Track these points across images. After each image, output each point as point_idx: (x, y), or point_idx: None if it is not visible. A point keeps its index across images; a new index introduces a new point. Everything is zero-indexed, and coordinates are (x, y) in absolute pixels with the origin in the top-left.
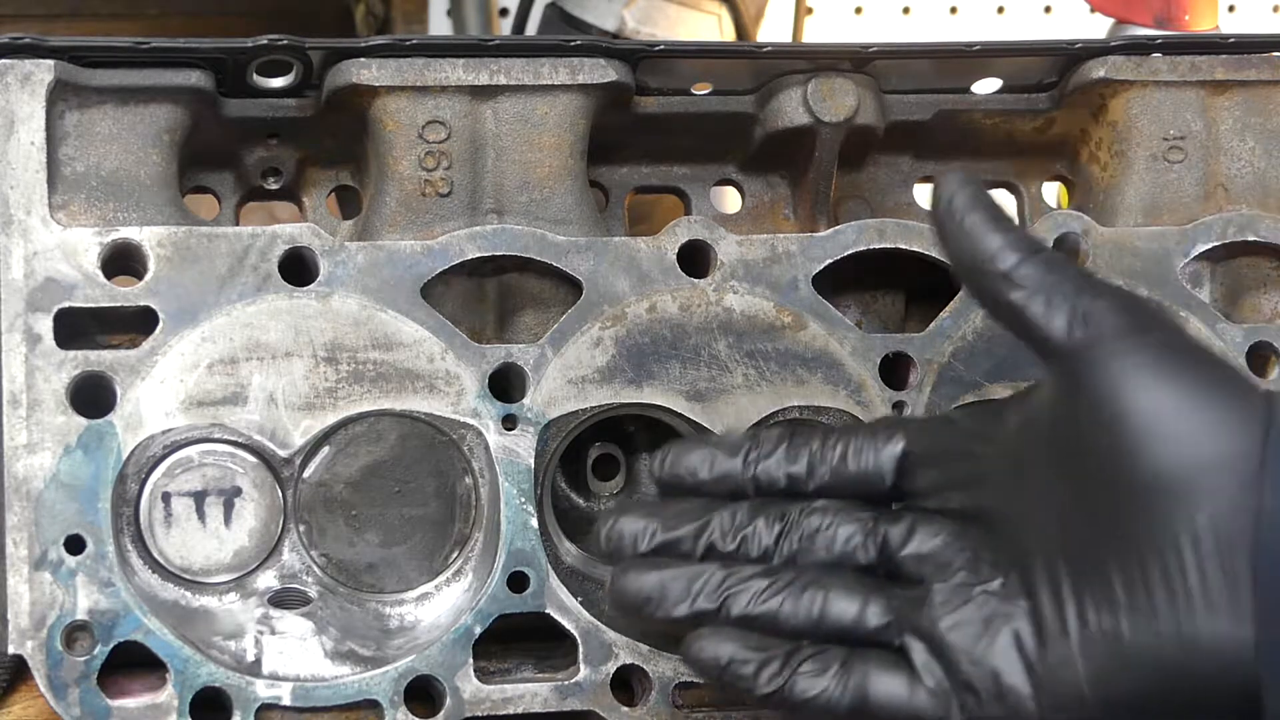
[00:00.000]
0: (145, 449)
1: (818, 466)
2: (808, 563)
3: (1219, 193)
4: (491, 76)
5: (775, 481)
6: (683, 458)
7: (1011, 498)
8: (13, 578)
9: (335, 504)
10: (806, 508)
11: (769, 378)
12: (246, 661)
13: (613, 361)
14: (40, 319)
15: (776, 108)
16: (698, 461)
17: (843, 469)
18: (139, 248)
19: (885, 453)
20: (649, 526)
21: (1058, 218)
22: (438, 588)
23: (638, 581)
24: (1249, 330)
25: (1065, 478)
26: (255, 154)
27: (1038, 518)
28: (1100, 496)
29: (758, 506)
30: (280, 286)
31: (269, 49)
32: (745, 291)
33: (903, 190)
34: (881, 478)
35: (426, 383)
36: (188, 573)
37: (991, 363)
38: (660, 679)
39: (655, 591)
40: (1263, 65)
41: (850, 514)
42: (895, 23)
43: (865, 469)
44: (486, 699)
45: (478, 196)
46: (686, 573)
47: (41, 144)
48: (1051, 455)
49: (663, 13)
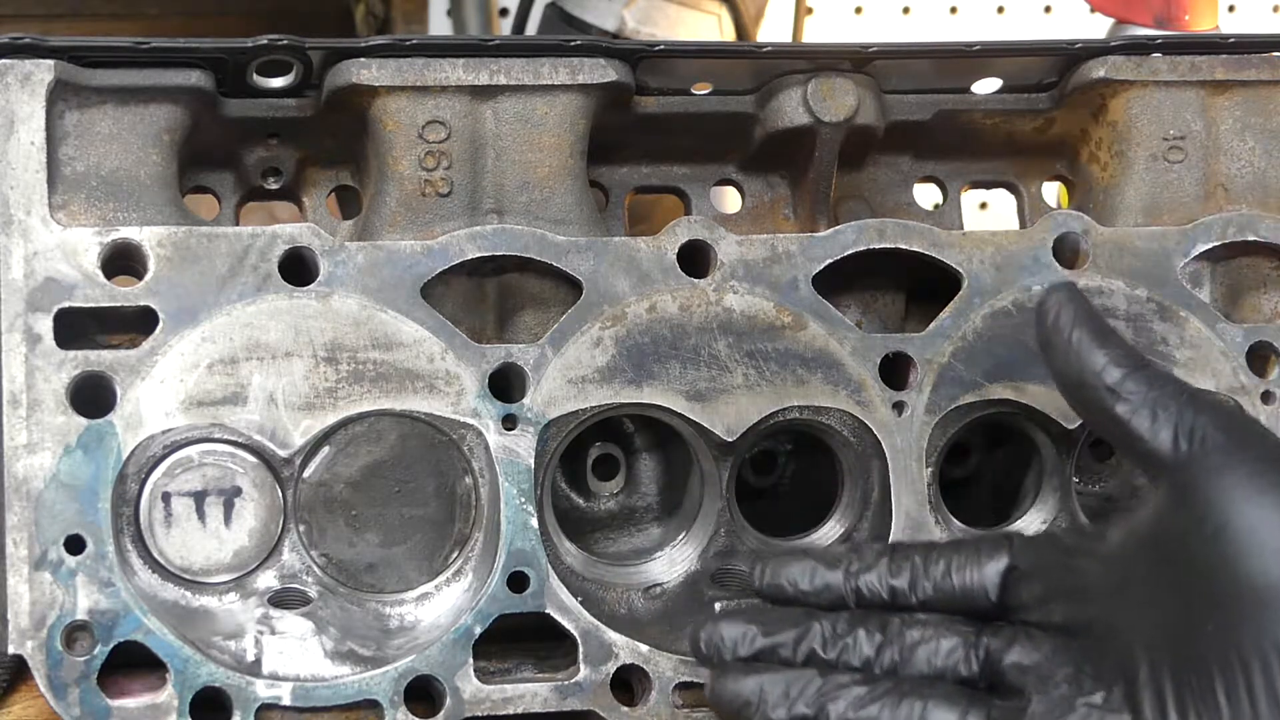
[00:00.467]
0: (145, 449)
1: (921, 580)
2: (908, 674)
3: (1219, 193)
4: (491, 76)
5: (877, 594)
6: (784, 568)
7: (1115, 611)
8: (13, 578)
9: (335, 504)
10: (908, 619)
11: (769, 378)
12: (246, 661)
13: (613, 361)
14: (40, 319)
15: (776, 108)
16: (799, 573)
17: (946, 584)
18: (139, 248)
19: (989, 568)
20: (749, 632)
21: (1058, 218)
22: (438, 588)
23: (736, 685)
24: (1249, 330)
25: (1169, 590)
26: (255, 154)
27: (1142, 630)
28: (1204, 608)
29: (859, 617)
30: (280, 286)
31: (269, 49)
32: (745, 291)
33: (903, 190)
34: (985, 593)
35: (426, 383)
36: (188, 573)
37: (991, 363)
38: (660, 679)
39: (754, 695)
40: (1263, 65)
41: (952, 627)
42: (895, 23)
43: (969, 584)
44: (486, 699)
45: (478, 196)
46: (785, 677)
47: (41, 144)
48: (1155, 568)
49: (663, 13)
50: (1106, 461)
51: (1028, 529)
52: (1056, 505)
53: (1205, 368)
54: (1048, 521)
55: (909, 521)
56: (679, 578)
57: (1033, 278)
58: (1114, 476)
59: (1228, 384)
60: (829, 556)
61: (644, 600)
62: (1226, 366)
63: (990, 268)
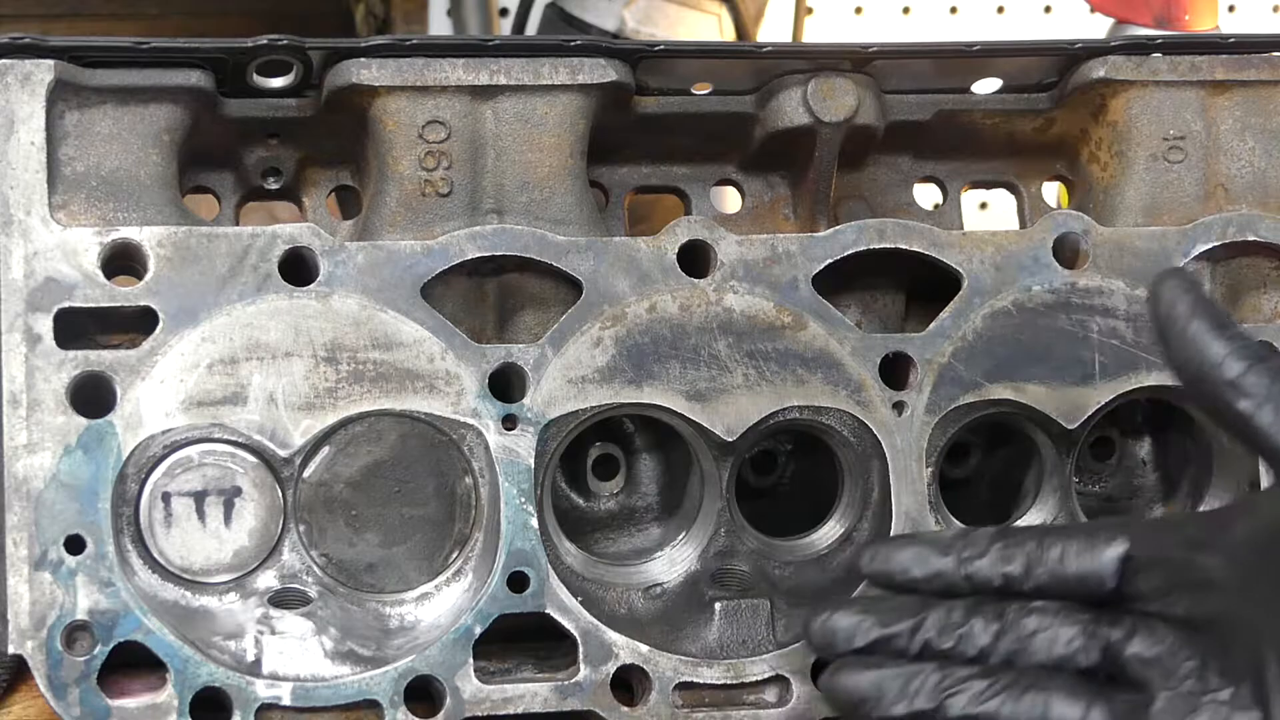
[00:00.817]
0: (145, 449)
1: (1035, 567)
2: (1026, 664)
3: (1219, 193)
4: (491, 76)
5: (989, 581)
6: (893, 555)
7: (1241, 606)
8: (13, 578)
9: (335, 504)
10: (1024, 607)
11: (769, 378)
12: (246, 661)
13: (613, 361)
14: (40, 319)
15: (776, 108)
16: (909, 559)
17: (1061, 570)
18: (139, 248)
19: (1106, 555)
20: (863, 622)
21: (1058, 218)
22: (438, 588)
23: (854, 680)
24: (1249, 330)
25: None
26: (255, 154)
27: (1270, 625)
28: None
29: (973, 605)
30: (280, 286)
31: (269, 49)
32: (745, 291)
33: (903, 190)
34: (1101, 580)
35: (426, 383)
36: (188, 573)
37: (991, 363)
38: (660, 679)
39: (872, 691)
40: (1263, 65)
41: (1070, 615)
42: (895, 23)
43: (1085, 571)
44: (486, 699)
45: (478, 196)
46: (903, 672)
47: (41, 144)
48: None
49: (663, 13)
50: (1106, 461)
51: None
52: (1056, 505)
53: None
54: (1048, 521)
55: (909, 521)
56: (679, 578)
57: (1033, 278)
58: (1114, 476)
59: None
60: (939, 542)
61: (644, 600)
62: None
63: (990, 268)
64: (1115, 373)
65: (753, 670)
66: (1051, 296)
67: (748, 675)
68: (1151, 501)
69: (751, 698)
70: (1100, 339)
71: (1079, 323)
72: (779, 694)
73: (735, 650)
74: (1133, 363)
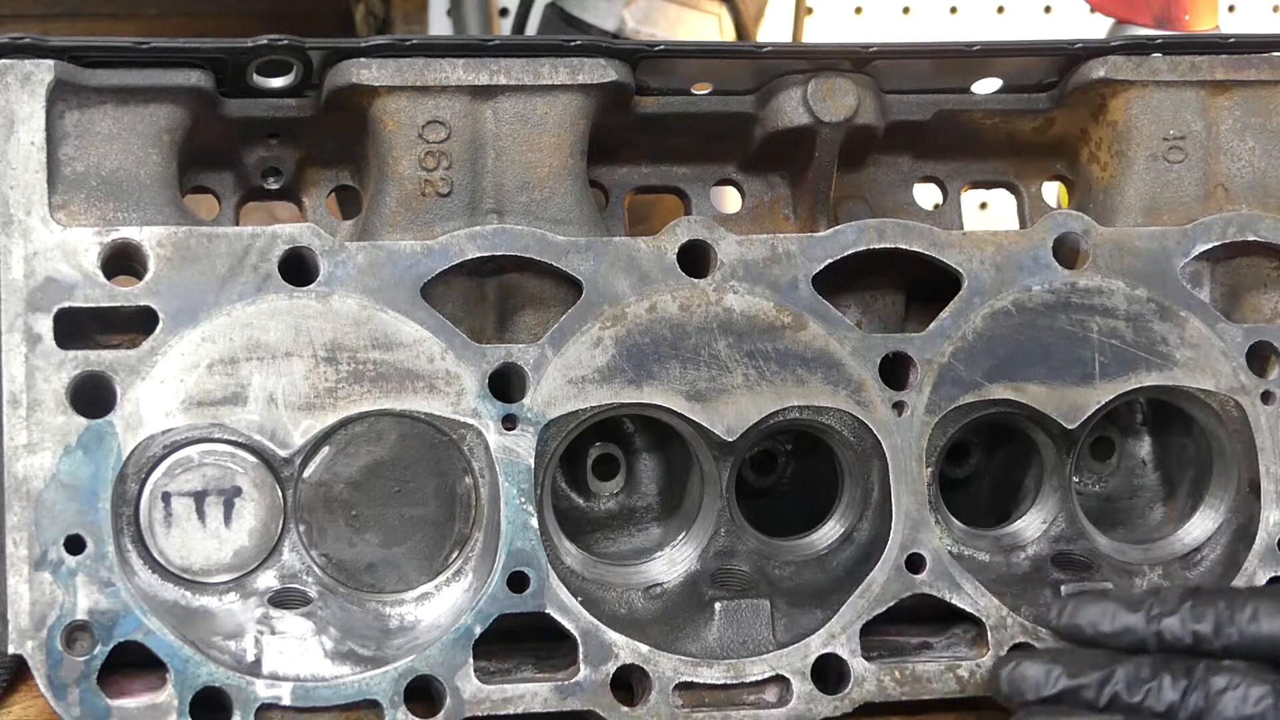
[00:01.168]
0: (145, 449)
1: (1225, 626)
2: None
3: (1219, 193)
4: (491, 76)
5: (1180, 639)
6: (1084, 609)
7: None
8: (13, 578)
9: (335, 504)
10: (1213, 665)
11: (769, 378)
12: (246, 661)
13: (613, 361)
14: (40, 319)
15: (776, 108)
16: (1099, 615)
17: (1253, 630)
18: (139, 248)
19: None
20: (1052, 672)
21: (1058, 218)
22: (438, 588)
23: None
24: (1249, 330)
25: None
26: (255, 154)
27: None
28: None
29: (1162, 662)
30: (280, 286)
31: (269, 49)
32: (745, 291)
33: (903, 190)
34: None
35: (426, 383)
36: (188, 573)
37: (991, 363)
38: (660, 679)
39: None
40: (1263, 65)
41: (1260, 675)
42: (895, 23)
43: (1276, 632)
44: (486, 699)
45: (478, 196)
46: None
47: (41, 144)
48: None
49: (663, 13)
50: (1106, 461)
51: (1028, 529)
52: (1056, 505)
53: (1205, 368)
54: (1047, 521)
55: (909, 521)
56: (679, 578)
57: (1033, 278)
58: (1114, 476)
59: (1228, 384)
60: (1130, 599)
61: (644, 600)
62: (1226, 366)
63: (990, 268)
64: (1115, 373)
65: (753, 670)
66: (1051, 296)
67: (748, 675)
68: (1151, 501)
69: (751, 698)
70: (1100, 339)
71: (1079, 323)
72: (779, 694)
73: (735, 650)
74: (1133, 363)
